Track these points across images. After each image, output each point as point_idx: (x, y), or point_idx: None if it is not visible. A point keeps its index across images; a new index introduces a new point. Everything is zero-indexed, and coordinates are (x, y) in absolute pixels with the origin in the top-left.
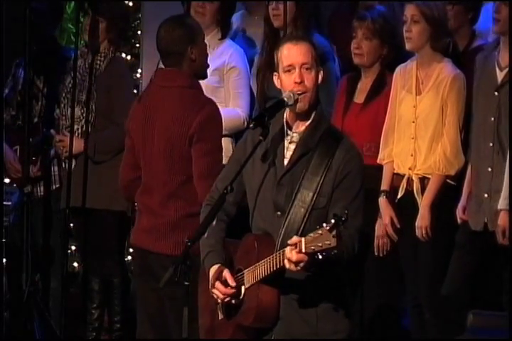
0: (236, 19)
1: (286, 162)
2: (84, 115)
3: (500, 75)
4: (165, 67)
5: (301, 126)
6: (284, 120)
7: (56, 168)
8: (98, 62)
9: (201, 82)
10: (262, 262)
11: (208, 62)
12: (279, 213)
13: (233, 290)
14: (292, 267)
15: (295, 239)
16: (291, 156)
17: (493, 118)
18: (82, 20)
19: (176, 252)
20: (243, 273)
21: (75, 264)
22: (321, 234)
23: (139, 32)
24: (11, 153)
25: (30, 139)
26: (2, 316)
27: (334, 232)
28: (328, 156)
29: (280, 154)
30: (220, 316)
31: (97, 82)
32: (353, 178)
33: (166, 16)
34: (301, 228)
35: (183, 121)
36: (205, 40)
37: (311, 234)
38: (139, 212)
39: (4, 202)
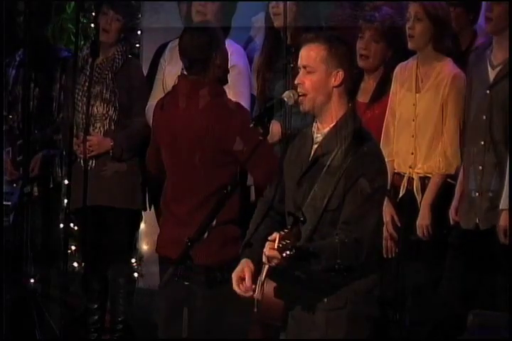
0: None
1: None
2: (109, 113)
3: (492, 74)
4: (189, 75)
5: (325, 128)
6: (314, 121)
7: (56, 168)
8: (117, 60)
9: None
10: None
11: None
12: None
13: (246, 287)
14: (267, 262)
15: (274, 234)
16: (312, 156)
17: (484, 117)
18: (82, 20)
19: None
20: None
21: (75, 264)
22: (286, 233)
23: (139, 32)
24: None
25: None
26: (2, 316)
27: (294, 231)
28: (346, 159)
29: (306, 154)
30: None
31: (117, 81)
32: (365, 183)
33: (165, 16)
34: (314, 228)
35: (215, 130)
36: None
37: (282, 232)
38: (164, 220)
39: (4, 202)
